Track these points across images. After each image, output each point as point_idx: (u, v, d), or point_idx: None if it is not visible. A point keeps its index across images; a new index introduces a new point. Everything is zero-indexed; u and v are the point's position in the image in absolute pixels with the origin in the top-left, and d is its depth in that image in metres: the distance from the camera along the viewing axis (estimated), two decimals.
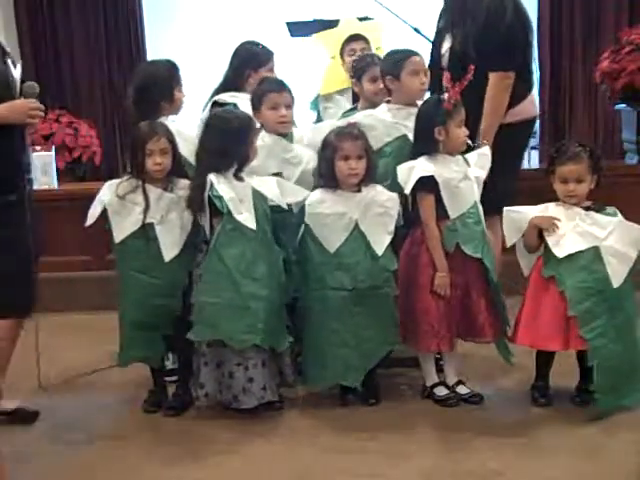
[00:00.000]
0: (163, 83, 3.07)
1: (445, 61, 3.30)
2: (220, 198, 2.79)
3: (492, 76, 3.22)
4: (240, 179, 2.85)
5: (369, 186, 2.91)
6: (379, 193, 2.91)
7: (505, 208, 2.94)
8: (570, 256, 2.78)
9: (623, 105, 4.57)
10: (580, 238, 2.79)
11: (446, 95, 2.87)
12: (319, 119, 3.64)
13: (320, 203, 2.90)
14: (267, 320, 2.81)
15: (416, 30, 4.14)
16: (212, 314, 2.81)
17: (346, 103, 3.55)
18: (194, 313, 2.84)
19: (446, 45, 3.32)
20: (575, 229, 2.80)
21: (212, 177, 2.82)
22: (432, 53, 3.45)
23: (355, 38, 3.60)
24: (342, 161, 2.86)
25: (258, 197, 2.86)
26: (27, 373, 3.19)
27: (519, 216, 2.89)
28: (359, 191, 2.90)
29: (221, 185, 2.81)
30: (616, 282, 2.75)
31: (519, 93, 3.29)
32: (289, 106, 3.10)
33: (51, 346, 3.65)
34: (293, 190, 2.97)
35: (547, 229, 2.82)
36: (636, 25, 4.69)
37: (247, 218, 2.81)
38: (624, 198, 3.22)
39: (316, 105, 3.84)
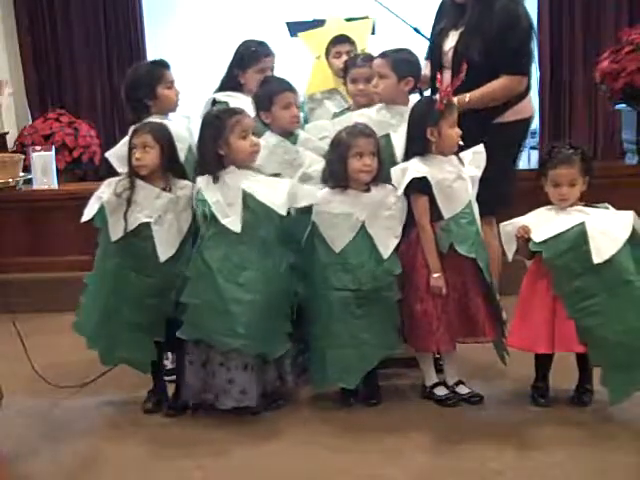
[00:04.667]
0: (142, 81, 3.12)
1: (447, 59, 3.28)
2: (204, 202, 2.79)
3: (507, 79, 3.20)
4: (217, 180, 2.81)
5: (379, 186, 2.90)
6: (388, 194, 2.89)
7: (501, 224, 2.92)
8: (557, 236, 2.75)
9: (623, 105, 4.58)
10: (565, 222, 2.77)
11: (438, 95, 2.87)
12: (305, 120, 3.63)
13: (328, 203, 2.89)
14: (250, 325, 2.78)
15: (416, 30, 4.13)
16: (195, 314, 2.82)
17: (331, 106, 3.53)
18: (183, 312, 2.85)
19: (449, 43, 3.30)
20: (562, 217, 2.80)
21: (201, 180, 2.83)
22: (432, 52, 3.44)
23: (341, 40, 3.56)
24: (355, 158, 2.85)
25: (251, 200, 2.82)
26: (27, 373, 3.19)
27: (513, 227, 2.87)
28: (368, 191, 2.90)
29: (209, 188, 2.81)
30: (597, 258, 2.68)
31: (521, 92, 3.29)
32: (298, 106, 3.14)
33: (51, 346, 3.66)
34: (310, 193, 2.92)
35: (529, 233, 2.81)
36: (636, 25, 4.69)
37: (232, 221, 2.79)
38: (624, 198, 3.22)
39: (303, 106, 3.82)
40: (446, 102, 2.84)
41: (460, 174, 2.88)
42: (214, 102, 3.37)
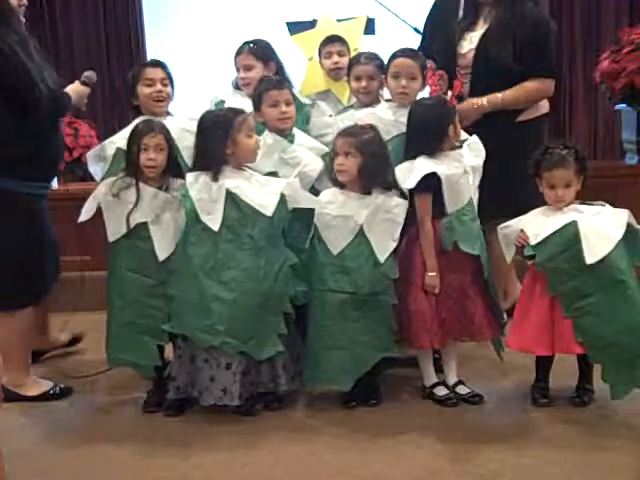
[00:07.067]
0: (129, 85, 3.22)
1: (466, 62, 3.29)
2: (187, 198, 2.81)
3: (541, 82, 3.27)
4: (216, 179, 2.81)
5: (380, 189, 2.88)
6: (389, 198, 2.88)
7: (498, 227, 2.92)
8: (550, 239, 2.75)
9: (623, 105, 4.57)
10: (558, 221, 2.77)
11: (450, 93, 2.90)
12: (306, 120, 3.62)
13: (328, 204, 2.90)
14: (232, 324, 2.78)
15: (416, 30, 4.13)
16: (178, 308, 2.84)
17: (326, 107, 3.52)
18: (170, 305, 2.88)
19: (468, 45, 3.30)
20: (556, 217, 2.79)
21: (189, 176, 2.85)
22: (444, 55, 3.40)
23: (331, 40, 3.52)
24: (335, 158, 2.88)
25: (236, 200, 2.80)
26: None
27: (511, 230, 2.87)
28: (369, 194, 2.89)
29: (196, 185, 2.81)
30: (590, 258, 2.68)
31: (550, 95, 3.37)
32: (289, 103, 3.10)
33: None
34: (307, 197, 2.91)
35: (527, 239, 2.81)
36: (636, 25, 4.68)
37: (213, 219, 2.79)
38: (624, 198, 3.22)
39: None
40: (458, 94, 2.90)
41: (465, 169, 2.90)
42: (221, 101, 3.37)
